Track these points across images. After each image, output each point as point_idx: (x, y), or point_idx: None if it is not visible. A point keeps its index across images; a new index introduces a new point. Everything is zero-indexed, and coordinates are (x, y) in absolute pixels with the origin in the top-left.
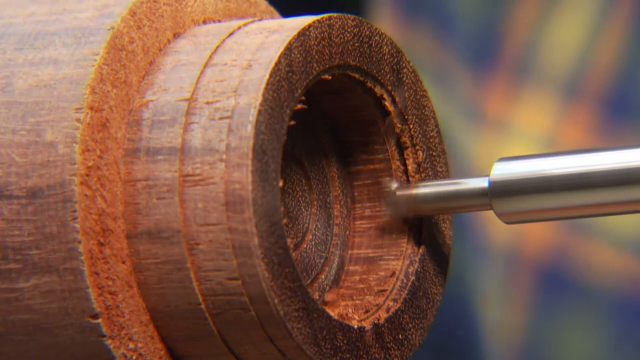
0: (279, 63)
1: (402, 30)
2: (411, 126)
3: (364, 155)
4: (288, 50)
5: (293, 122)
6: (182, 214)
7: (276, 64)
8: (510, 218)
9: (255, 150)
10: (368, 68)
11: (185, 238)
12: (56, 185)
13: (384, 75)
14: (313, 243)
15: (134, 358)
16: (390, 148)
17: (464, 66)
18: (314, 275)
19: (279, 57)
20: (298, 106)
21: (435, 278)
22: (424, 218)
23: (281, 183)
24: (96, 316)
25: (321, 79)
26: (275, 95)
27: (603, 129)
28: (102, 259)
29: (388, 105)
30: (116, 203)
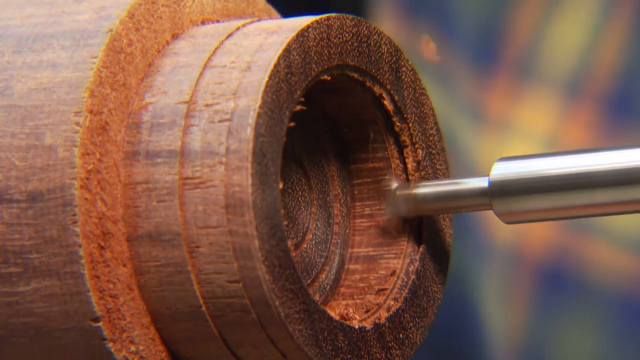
0: (278, 65)
1: (404, 30)
2: (410, 125)
3: (364, 153)
4: (287, 52)
5: (292, 124)
6: (182, 217)
7: (275, 66)
8: (510, 218)
9: (255, 153)
10: (367, 67)
11: (185, 241)
12: (56, 189)
13: (383, 74)
14: (313, 242)
15: None
16: (389, 146)
17: (466, 66)
18: (315, 274)
19: (278, 59)
20: (297, 107)
21: (435, 276)
22: (424, 217)
23: (281, 185)
24: (97, 319)
25: (320, 80)
26: (274, 97)
27: (605, 129)
28: (103, 262)
29: (387, 104)
30: (116, 206)
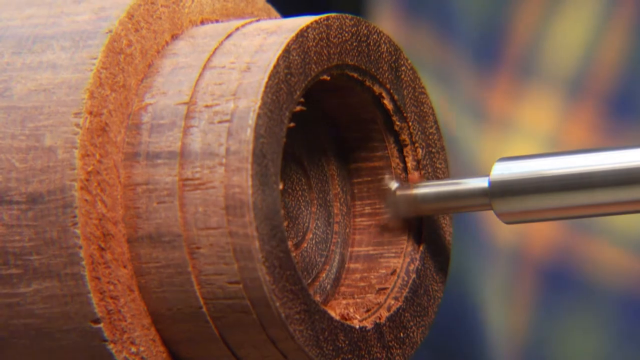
0: (278, 66)
1: (405, 29)
2: (410, 123)
3: (364, 152)
4: (286, 52)
5: (292, 124)
6: (183, 218)
7: (275, 67)
8: (510, 218)
9: (255, 154)
10: (366, 67)
11: (186, 242)
12: (56, 190)
13: (383, 73)
14: (314, 242)
15: None
16: (389, 145)
17: (468, 65)
18: (315, 274)
19: (278, 60)
20: (297, 108)
21: (436, 275)
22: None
23: (281, 186)
24: (98, 321)
25: (320, 79)
26: (274, 98)
27: (607, 128)
28: (103, 264)
29: (387, 103)
30: (116, 207)
